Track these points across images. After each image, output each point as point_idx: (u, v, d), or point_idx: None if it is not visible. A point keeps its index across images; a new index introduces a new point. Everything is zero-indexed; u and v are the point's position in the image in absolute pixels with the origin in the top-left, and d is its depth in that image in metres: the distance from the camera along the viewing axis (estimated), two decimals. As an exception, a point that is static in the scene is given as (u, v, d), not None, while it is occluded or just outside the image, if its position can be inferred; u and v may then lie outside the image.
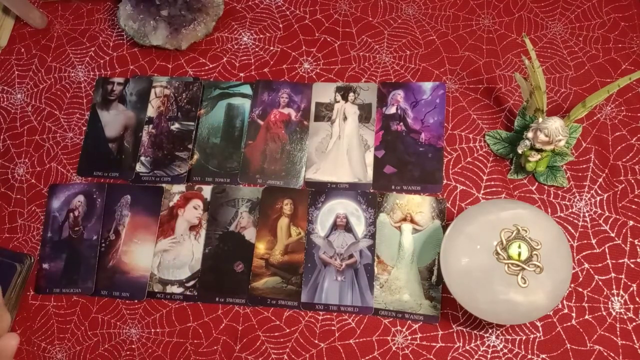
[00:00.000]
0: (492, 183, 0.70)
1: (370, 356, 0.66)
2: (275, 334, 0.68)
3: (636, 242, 0.66)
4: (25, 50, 0.86)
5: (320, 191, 0.72)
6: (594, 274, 0.65)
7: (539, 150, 0.64)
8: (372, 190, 0.71)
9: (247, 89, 0.79)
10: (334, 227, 0.70)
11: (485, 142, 0.72)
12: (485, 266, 0.55)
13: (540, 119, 0.63)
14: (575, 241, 0.67)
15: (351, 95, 0.76)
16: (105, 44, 0.85)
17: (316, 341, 0.67)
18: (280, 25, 0.82)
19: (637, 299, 0.64)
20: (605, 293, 0.64)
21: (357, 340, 0.66)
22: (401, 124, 0.74)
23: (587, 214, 0.68)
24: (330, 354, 0.66)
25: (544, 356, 0.63)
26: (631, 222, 0.67)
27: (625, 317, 0.63)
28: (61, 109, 0.82)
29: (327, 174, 0.73)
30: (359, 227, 0.70)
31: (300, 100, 0.77)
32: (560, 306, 0.64)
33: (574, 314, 0.64)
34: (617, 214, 0.67)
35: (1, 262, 0.72)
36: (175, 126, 0.78)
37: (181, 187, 0.75)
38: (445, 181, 0.71)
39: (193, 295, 0.70)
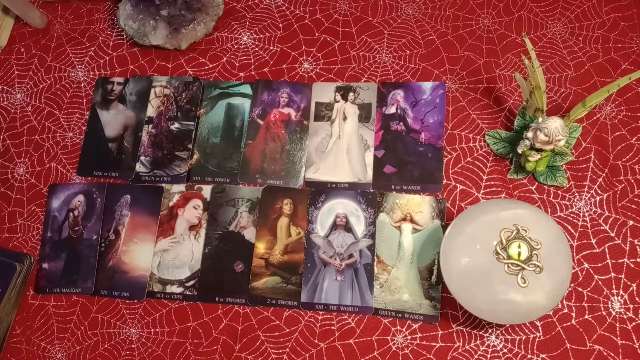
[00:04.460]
0: (492, 183, 0.70)
1: (370, 356, 0.66)
2: (275, 334, 0.68)
3: (636, 242, 0.66)
4: (25, 50, 0.86)
5: (320, 191, 0.72)
6: (594, 274, 0.65)
7: (539, 150, 0.64)
8: (372, 190, 0.71)
9: (247, 89, 0.79)
10: (334, 227, 0.70)
11: (485, 142, 0.72)
12: (485, 266, 0.55)
13: (540, 119, 0.63)
14: (575, 241, 0.67)
15: (351, 95, 0.76)
16: (105, 44, 0.85)
17: (316, 341, 0.67)
18: (280, 25, 0.82)
19: (637, 299, 0.64)
20: (605, 293, 0.64)
21: (357, 340, 0.66)
22: (401, 124, 0.74)
23: (587, 214, 0.68)
24: (330, 354, 0.66)
25: (544, 356, 0.63)
26: (631, 222, 0.67)
27: (625, 317, 0.63)
28: (61, 109, 0.82)
29: (327, 174, 0.73)
30: (359, 227, 0.70)
31: (300, 100, 0.77)
32: (560, 306, 0.65)
33: (574, 314, 0.64)
34: (617, 214, 0.67)
35: (1, 262, 0.72)
36: (175, 126, 0.78)
37: (181, 187, 0.75)
38: (445, 181, 0.71)
39: (193, 295, 0.70)
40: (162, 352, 0.69)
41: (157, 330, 0.70)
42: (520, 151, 0.65)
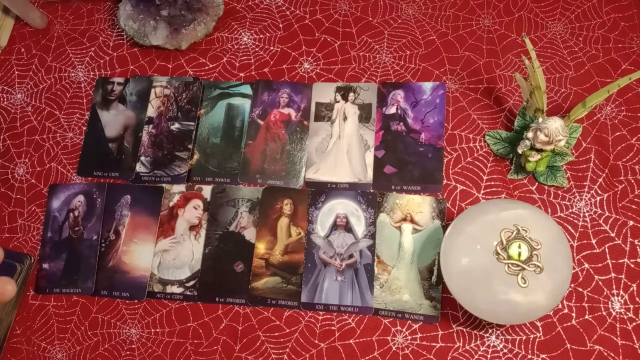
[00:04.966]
0: (492, 183, 0.70)
1: (370, 356, 0.66)
2: (275, 334, 0.68)
3: (636, 242, 0.66)
4: (25, 50, 0.86)
5: (320, 191, 0.72)
6: (594, 274, 0.65)
7: (539, 150, 0.64)
8: (372, 190, 0.71)
9: (247, 89, 0.79)
10: (334, 227, 0.70)
11: (485, 142, 0.72)
12: (485, 266, 0.55)
13: (540, 119, 0.63)
14: (575, 241, 0.67)
15: (351, 95, 0.76)
16: (105, 44, 0.85)
17: (316, 341, 0.67)
18: (280, 25, 0.82)
19: (637, 299, 0.64)
20: (605, 293, 0.64)
21: (357, 340, 0.66)
22: (401, 124, 0.74)
23: (587, 214, 0.68)
24: (330, 354, 0.66)
25: (544, 356, 0.63)
26: (631, 222, 0.67)
27: (625, 317, 0.63)
28: (61, 109, 0.82)
29: (327, 174, 0.73)
30: (359, 227, 0.70)
31: (300, 100, 0.77)
32: (560, 306, 0.65)
33: (574, 314, 0.64)
34: (617, 214, 0.67)
35: (1, 262, 0.71)
36: (175, 126, 0.78)
37: (181, 187, 0.75)
38: (445, 181, 0.71)
39: (193, 295, 0.70)
40: (162, 352, 0.69)
41: (157, 330, 0.70)
42: (520, 151, 0.65)
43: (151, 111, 0.79)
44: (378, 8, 0.81)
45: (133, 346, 0.70)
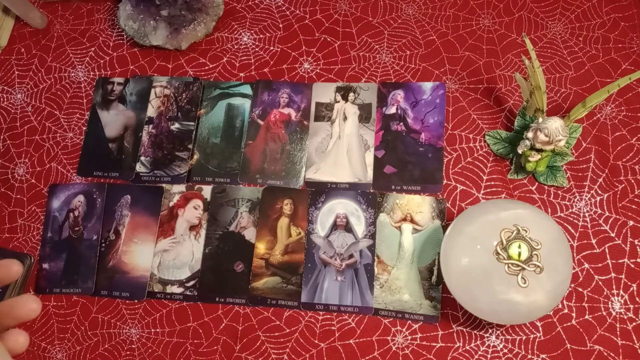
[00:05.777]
0: (492, 183, 0.70)
1: (370, 356, 0.66)
2: (275, 334, 0.68)
3: (636, 242, 0.66)
4: (25, 50, 0.86)
5: (320, 191, 0.72)
6: (594, 274, 0.65)
7: (539, 150, 0.64)
8: (372, 190, 0.71)
9: (247, 89, 0.79)
10: (334, 227, 0.70)
11: (485, 142, 0.72)
12: (485, 266, 0.55)
13: (540, 119, 0.63)
14: (575, 241, 0.67)
15: (351, 95, 0.76)
16: (105, 44, 0.85)
17: (316, 341, 0.67)
18: (280, 25, 0.82)
19: (637, 299, 0.64)
20: (605, 293, 0.64)
21: (357, 340, 0.66)
22: (401, 124, 0.74)
23: (587, 214, 0.68)
24: (330, 354, 0.66)
25: (544, 356, 0.63)
26: (631, 222, 0.67)
27: (625, 317, 0.63)
28: (61, 109, 0.82)
29: (327, 174, 0.73)
30: (359, 227, 0.70)
31: (300, 100, 0.77)
32: (560, 306, 0.65)
33: (574, 314, 0.64)
34: (617, 214, 0.67)
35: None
36: (175, 126, 0.78)
37: (181, 187, 0.75)
38: (445, 181, 0.71)
39: (193, 295, 0.70)
40: (162, 352, 0.69)
41: (157, 330, 0.70)
42: (520, 151, 0.65)
43: (151, 111, 0.79)
44: (378, 8, 0.81)
45: (133, 346, 0.70)
